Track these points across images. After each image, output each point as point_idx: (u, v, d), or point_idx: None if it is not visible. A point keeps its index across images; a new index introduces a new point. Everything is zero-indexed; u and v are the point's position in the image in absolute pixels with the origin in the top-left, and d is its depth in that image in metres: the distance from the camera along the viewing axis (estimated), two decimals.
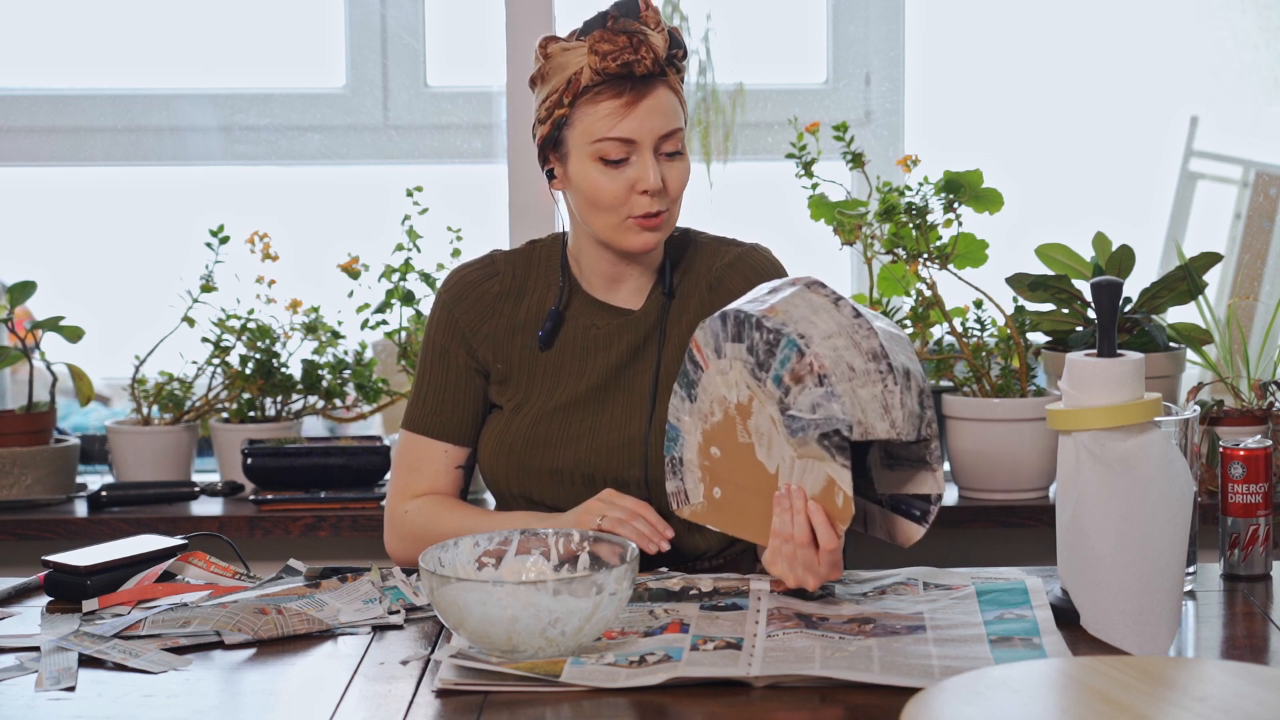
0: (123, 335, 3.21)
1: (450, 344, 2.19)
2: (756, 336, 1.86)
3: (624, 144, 2.06)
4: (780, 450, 1.86)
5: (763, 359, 1.85)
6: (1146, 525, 1.79)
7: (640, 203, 2.07)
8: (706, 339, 1.92)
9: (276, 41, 3.53)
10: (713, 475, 1.92)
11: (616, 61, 2.03)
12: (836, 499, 1.84)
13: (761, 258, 2.22)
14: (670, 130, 2.07)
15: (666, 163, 2.08)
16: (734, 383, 1.88)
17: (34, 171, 3.56)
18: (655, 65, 2.05)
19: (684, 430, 1.93)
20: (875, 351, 1.83)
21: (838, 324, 1.85)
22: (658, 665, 1.70)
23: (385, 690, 1.71)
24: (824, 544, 1.86)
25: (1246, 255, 3.57)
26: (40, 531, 2.78)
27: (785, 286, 1.92)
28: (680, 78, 2.11)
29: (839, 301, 1.87)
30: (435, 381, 2.19)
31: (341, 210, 3.54)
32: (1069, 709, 1.54)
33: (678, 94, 2.09)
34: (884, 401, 1.82)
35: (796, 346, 1.82)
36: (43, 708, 1.68)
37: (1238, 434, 2.63)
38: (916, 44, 3.50)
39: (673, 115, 2.08)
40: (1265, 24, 3.58)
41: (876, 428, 1.82)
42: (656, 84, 2.06)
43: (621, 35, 2.04)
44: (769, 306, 1.87)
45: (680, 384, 1.96)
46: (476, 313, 2.18)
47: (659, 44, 2.05)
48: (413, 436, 2.21)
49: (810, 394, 1.82)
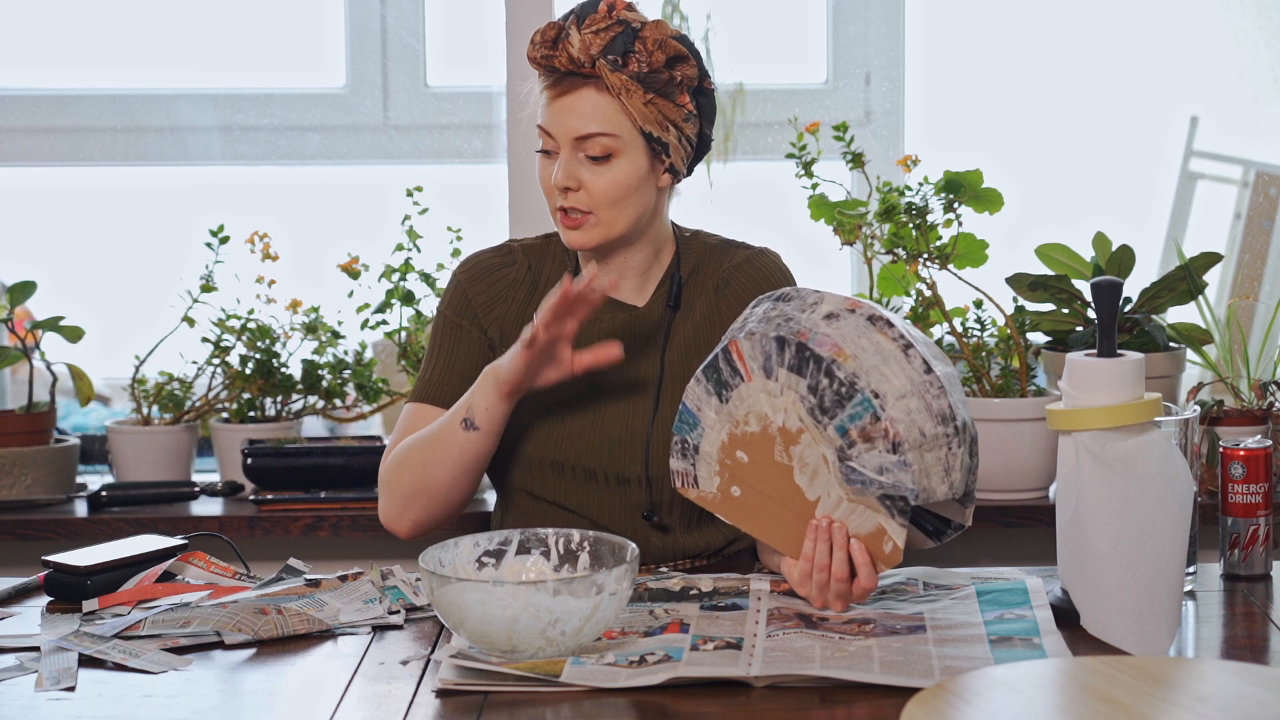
0: (123, 335, 3.22)
1: (463, 320, 2.18)
2: (825, 382, 1.81)
3: (546, 135, 2.08)
4: (828, 486, 1.85)
5: (828, 405, 1.82)
6: (1146, 525, 1.79)
7: (560, 198, 2.08)
8: (753, 353, 1.86)
9: (276, 41, 3.54)
10: (734, 475, 1.90)
11: (539, 53, 2.06)
12: (885, 546, 1.84)
13: (769, 261, 2.22)
14: (586, 133, 2.05)
15: (589, 165, 2.06)
16: (783, 408, 1.85)
17: (34, 171, 3.56)
18: (573, 64, 2.04)
19: (705, 423, 1.91)
20: (944, 414, 1.81)
21: (911, 381, 1.81)
22: (658, 665, 1.70)
23: (385, 690, 1.71)
24: (864, 583, 1.86)
25: (1246, 255, 3.57)
26: (40, 531, 2.78)
27: (843, 312, 1.85)
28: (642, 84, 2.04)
29: (908, 350, 1.82)
30: (445, 354, 2.18)
31: (341, 210, 3.54)
32: (1069, 709, 1.54)
33: (622, 100, 2.04)
34: (946, 464, 1.82)
35: (872, 409, 1.79)
36: (43, 708, 1.68)
37: (1238, 434, 2.63)
38: (916, 44, 3.50)
39: (593, 118, 2.04)
40: (1265, 24, 3.58)
41: (937, 491, 1.82)
42: (582, 83, 2.05)
43: (552, 29, 2.05)
44: (834, 345, 1.82)
45: (708, 377, 1.90)
46: (490, 295, 2.18)
47: (576, 43, 2.03)
48: (417, 406, 2.17)
49: (880, 457, 1.80)
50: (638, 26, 2.06)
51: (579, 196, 2.07)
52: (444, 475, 2.07)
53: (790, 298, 1.89)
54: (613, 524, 2.15)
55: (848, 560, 1.85)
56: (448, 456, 2.06)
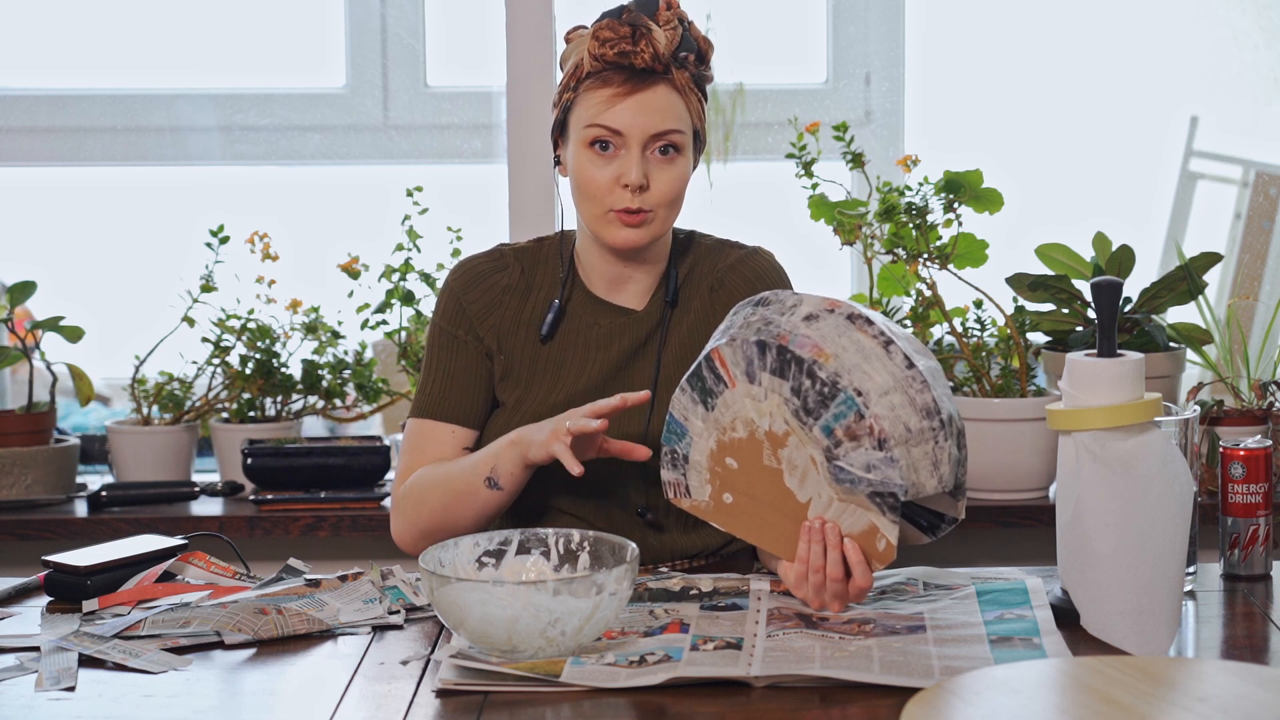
0: (123, 335, 3.22)
1: (458, 330, 2.18)
2: (807, 383, 1.81)
3: (612, 134, 2.05)
4: (818, 487, 1.85)
5: (811, 406, 1.81)
6: (1146, 525, 1.79)
7: (621, 197, 2.06)
8: (735, 359, 1.86)
9: (276, 41, 3.54)
10: (725, 482, 1.90)
11: (615, 50, 2.03)
12: (878, 543, 1.84)
13: (763, 261, 2.22)
14: (662, 130, 2.05)
15: (657, 163, 2.06)
16: (768, 412, 1.85)
17: (34, 171, 3.56)
18: (655, 60, 2.04)
19: (693, 432, 1.90)
20: (929, 407, 1.80)
21: (893, 377, 1.80)
22: (658, 665, 1.70)
23: (385, 690, 1.71)
24: (859, 581, 1.86)
25: (1246, 255, 3.57)
26: (40, 531, 2.78)
27: (822, 312, 1.85)
28: (692, 81, 2.08)
29: (889, 346, 1.82)
30: (443, 367, 2.18)
31: (341, 210, 3.54)
32: (1069, 709, 1.54)
33: (685, 97, 2.07)
34: (934, 458, 1.81)
35: (856, 408, 1.79)
36: (43, 708, 1.68)
37: (1238, 434, 2.63)
38: (916, 44, 3.50)
39: (669, 115, 2.05)
40: (1265, 24, 3.58)
41: (926, 485, 1.82)
42: (656, 81, 2.05)
43: (625, 26, 2.04)
44: (814, 346, 1.82)
45: (693, 387, 1.90)
46: (484, 303, 2.18)
47: (661, 40, 2.04)
48: (420, 422, 2.18)
49: (866, 455, 1.80)
50: (689, 24, 2.09)
51: (646, 195, 2.07)
52: (463, 523, 2.09)
53: (769, 301, 1.89)
54: (609, 525, 2.14)
55: (842, 560, 1.85)
56: (469, 508, 2.08)
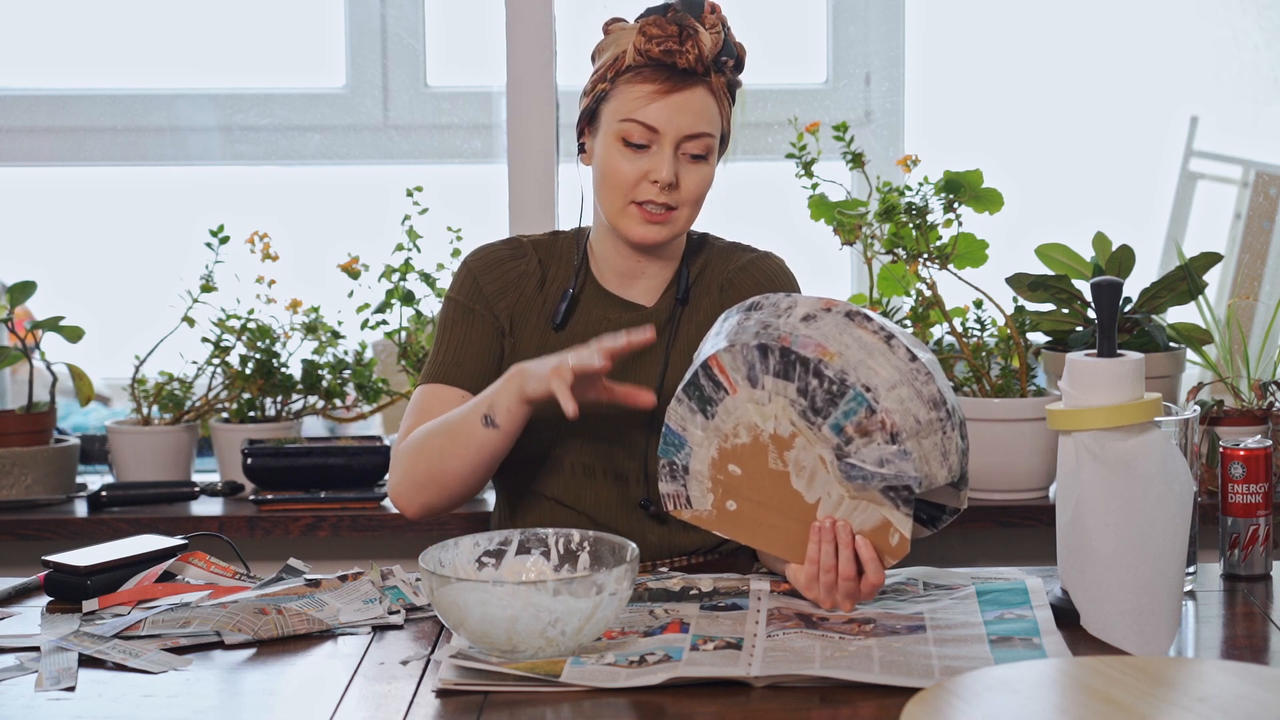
0: (123, 335, 3.21)
1: (474, 304, 2.18)
2: (814, 383, 1.81)
3: (648, 130, 2.06)
4: (827, 487, 1.85)
5: (820, 405, 1.81)
6: (1146, 525, 1.79)
7: (647, 190, 2.08)
8: (735, 365, 1.85)
9: (276, 41, 3.53)
10: (728, 490, 1.90)
11: (660, 47, 2.05)
12: (890, 538, 1.84)
13: (774, 265, 2.23)
14: (697, 132, 2.07)
15: (687, 163, 2.09)
16: (773, 415, 1.85)
17: (34, 171, 3.56)
18: (698, 63, 2.06)
19: (692, 442, 1.89)
20: (935, 399, 1.81)
21: (898, 371, 1.81)
22: (658, 665, 1.70)
23: (385, 690, 1.71)
24: (872, 578, 1.86)
25: (1246, 255, 3.57)
26: (40, 531, 2.78)
27: (819, 312, 1.85)
28: (726, 87, 2.11)
29: (890, 340, 1.82)
30: (456, 337, 2.18)
31: (341, 210, 3.54)
32: (1069, 709, 1.54)
33: (719, 101, 2.09)
34: (943, 448, 1.81)
35: (866, 403, 1.79)
36: (43, 708, 1.68)
37: (1238, 434, 2.63)
38: (916, 44, 3.50)
39: (704, 118, 2.08)
40: (1265, 24, 3.58)
41: (938, 476, 1.82)
42: (696, 82, 2.07)
43: (673, 25, 2.06)
44: (818, 346, 1.81)
45: (690, 396, 1.88)
46: (500, 285, 2.18)
47: (707, 43, 2.06)
48: (429, 387, 2.17)
49: (879, 450, 1.80)
50: (729, 29, 2.11)
51: (674, 193, 2.09)
52: (459, 468, 2.07)
53: (761, 306, 1.89)
54: (611, 521, 2.15)
55: (854, 558, 1.85)
56: (465, 450, 2.06)
